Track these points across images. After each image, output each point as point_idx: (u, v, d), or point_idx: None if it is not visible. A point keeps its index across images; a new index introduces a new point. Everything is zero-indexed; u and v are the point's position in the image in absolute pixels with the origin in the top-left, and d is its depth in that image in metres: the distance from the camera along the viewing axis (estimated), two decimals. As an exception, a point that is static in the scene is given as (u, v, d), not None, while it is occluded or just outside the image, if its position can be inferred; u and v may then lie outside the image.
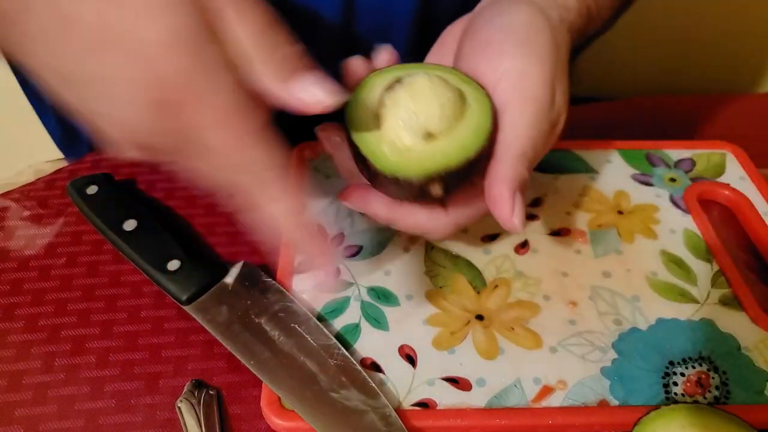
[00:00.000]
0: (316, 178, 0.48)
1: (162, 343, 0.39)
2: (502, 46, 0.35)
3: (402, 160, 0.32)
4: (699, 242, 0.44)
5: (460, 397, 0.35)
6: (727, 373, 0.36)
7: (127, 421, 0.35)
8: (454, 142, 0.33)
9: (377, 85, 0.35)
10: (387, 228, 0.44)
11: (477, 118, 0.33)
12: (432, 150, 0.32)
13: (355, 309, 0.39)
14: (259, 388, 0.35)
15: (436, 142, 0.33)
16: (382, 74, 0.36)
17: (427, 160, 0.32)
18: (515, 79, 0.34)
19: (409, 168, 0.32)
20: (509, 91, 0.34)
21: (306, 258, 0.41)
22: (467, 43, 0.37)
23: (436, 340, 0.38)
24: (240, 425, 0.35)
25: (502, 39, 0.35)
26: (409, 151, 0.33)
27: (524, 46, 0.35)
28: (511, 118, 0.34)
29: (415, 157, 0.32)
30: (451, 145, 0.33)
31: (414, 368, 0.36)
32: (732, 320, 0.39)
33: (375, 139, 0.33)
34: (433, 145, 0.33)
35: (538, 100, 0.34)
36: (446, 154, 0.32)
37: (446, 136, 0.33)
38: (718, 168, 0.49)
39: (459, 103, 0.33)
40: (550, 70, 0.35)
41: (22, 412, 0.35)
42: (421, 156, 0.32)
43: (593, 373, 0.36)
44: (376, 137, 0.33)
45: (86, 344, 0.38)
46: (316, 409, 0.33)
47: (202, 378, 0.37)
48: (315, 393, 0.34)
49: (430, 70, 0.35)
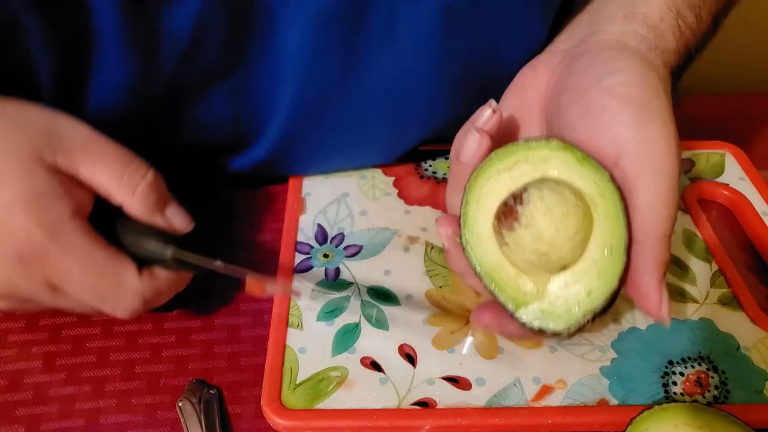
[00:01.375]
0: (316, 178, 0.48)
1: (162, 342, 0.39)
2: (620, 113, 0.31)
3: (542, 311, 0.30)
4: (698, 242, 0.44)
5: (460, 397, 0.35)
6: (726, 373, 0.36)
7: (128, 421, 0.35)
8: (592, 271, 0.30)
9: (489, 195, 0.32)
10: (387, 228, 0.44)
11: (610, 226, 0.30)
12: (570, 290, 0.30)
13: (355, 308, 0.39)
14: (259, 388, 0.35)
15: (571, 275, 0.30)
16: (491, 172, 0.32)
17: (569, 306, 0.30)
18: (642, 152, 0.30)
19: (550, 319, 0.30)
20: (637, 166, 0.30)
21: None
22: (572, 107, 0.33)
23: (435, 339, 0.38)
24: (240, 425, 0.35)
25: (618, 104, 0.31)
26: (542, 293, 0.30)
27: (645, 112, 0.31)
28: (646, 198, 0.30)
29: (553, 304, 0.30)
30: (590, 277, 0.30)
31: (414, 367, 0.36)
32: (731, 320, 0.39)
33: (500, 273, 0.31)
34: (570, 282, 0.30)
35: (670, 173, 0.30)
36: (589, 291, 0.30)
37: (580, 263, 0.30)
38: (717, 168, 0.49)
39: (588, 217, 0.30)
40: (673, 133, 0.31)
41: (23, 411, 0.35)
42: (560, 301, 0.30)
43: (593, 373, 0.36)
44: (500, 271, 0.31)
45: (87, 343, 0.38)
46: None
47: (202, 377, 0.37)
48: None
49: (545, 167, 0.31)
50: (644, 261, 0.30)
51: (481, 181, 0.32)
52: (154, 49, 0.37)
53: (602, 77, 0.32)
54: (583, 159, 0.31)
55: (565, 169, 0.31)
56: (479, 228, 0.32)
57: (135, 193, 0.34)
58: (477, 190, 0.32)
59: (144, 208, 0.34)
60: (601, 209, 0.30)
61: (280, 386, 0.35)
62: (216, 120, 0.43)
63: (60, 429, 0.35)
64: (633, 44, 0.35)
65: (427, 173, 0.49)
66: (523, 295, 0.31)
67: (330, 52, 0.40)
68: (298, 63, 0.40)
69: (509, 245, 0.30)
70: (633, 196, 0.30)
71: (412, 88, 0.43)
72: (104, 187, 0.34)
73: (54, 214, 0.32)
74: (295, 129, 0.44)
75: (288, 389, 0.35)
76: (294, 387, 0.35)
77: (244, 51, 0.39)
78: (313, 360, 0.37)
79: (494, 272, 0.31)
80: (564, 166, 0.31)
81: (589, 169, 0.31)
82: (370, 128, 0.45)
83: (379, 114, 0.44)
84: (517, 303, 0.30)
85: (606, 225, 0.30)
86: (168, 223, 0.36)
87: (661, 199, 0.30)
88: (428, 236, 0.44)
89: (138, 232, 0.35)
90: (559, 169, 0.31)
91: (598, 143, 0.31)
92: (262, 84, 0.41)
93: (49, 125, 0.33)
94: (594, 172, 0.31)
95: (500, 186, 0.32)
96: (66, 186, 0.33)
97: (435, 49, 0.41)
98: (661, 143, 0.30)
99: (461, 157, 0.33)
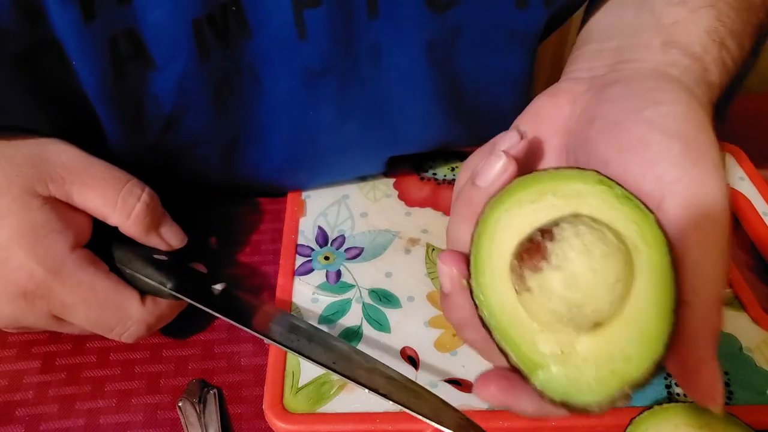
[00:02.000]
0: (316, 179, 0.48)
1: (163, 342, 0.39)
2: (665, 150, 0.26)
3: (566, 378, 0.24)
4: (700, 243, 0.44)
5: (463, 399, 0.35)
6: (730, 374, 0.36)
7: (128, 421, 0.35)
8: (632, 330, 0.24)
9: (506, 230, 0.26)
10: (387, 230, 0.44)
11: (655, 280, 0.24)
12: (603, 354, 0.24)
13: (356, 311, 0.39)
14: (260, 388, 0.35)
15: (606, 335, 0.24)
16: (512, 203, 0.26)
17: (601, 374, 0.24)
18: (692, 197, 0.25)
19: (576, 389, 0.24)
20: (685, 213, 0.25)
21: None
22: (604, 139, 0.28)
23: (438, 341, 0.38)
24: (240, 425, 0.35)
25: (662, 139, 0.26)
26: (567, 356, 0.24)
27: (694, 150, 0.26)
28: (698, 252, 0.25)
29: (581, 370, 0.24)
30: (629, 337, 0.24)
31: (416, 370, 0.36)
32: (733, 321, 0.39)
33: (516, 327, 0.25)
34: (604, 344, 0.24)
35: (722, 225, 0.25)
36: (627, 356, 0.23)
37: (618, 321, 0.24)
38: (718, 169, 0.49)
39: (630, 266, 0.24)
40: (724, 178, 0.26)
41: (23, 411, 0.35)
42: (589, 368, 0.24)
43: (595, 374, 0.36)
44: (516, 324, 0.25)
45: (87, 343, 0.38)
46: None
47: (202, 377, 0.37)
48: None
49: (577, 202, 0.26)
50: (694, 328, 0.24)
51: (498, 212, 0.26)
52: (138, 111, 0.37)
53: (642, 108, 0.27)
54: (625, 197, 0.25)
55: (602, 207, 0.25)
56: (492, 268, 0.26)
57: (131, 216, 0.34)
58: (493, 222, 0.26)
59: (140, 230, 0.35)
60: (645, 258, 0.24)
61: (282, 390, 0.35)
62: (209, 168, 0.43)
63: (60, 429, 0.35)
64: (675, 74, 0.30)
65: (428, 175, 0.49)
66: (543, 356, 0.24)
67: (321, 103, 0.40)
68: (287, 113, 0.40)
69: (532, 291, 0.24)
70: (681, 248, 0.25)
71: (405, 110, 0.42)
72: (99, 210, 0.34)
73: (53, 249, 0.32)
74: (290, 164, 0.44)
75: (290, 393, 0.35)
76: (296, 391, 0.35)
77: (232, 109, 0.39)
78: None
79: (509, 325, 0.25)
80: (601, 204, 0.26)
81: (632, 210, 0.25)
82: (365, 149, 0.45)
83: (371, 139, 0.44)
84: (534, 366, 0.24)
85: (650, 278, 0.24)
86: (163, 242, 0.36)
87: (715, 255, 0.25)
88: (429, 238, 0.44)
89: (137, 263, 0.35)
90: (596, 206, 0.26)
91: (638, 182, 0.26)
92: (254, 135, 0.41)
93: (37, 154, 0.33)
94: (637, 213, 0.25)
95: (523, 220, 0.26)
96: (63, 215, 0.33)
97: (423, 79, 0.40)
98: (713, 188, 0.25)
99: (479, 181, 0.27)
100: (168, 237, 0.37)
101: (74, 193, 0.33)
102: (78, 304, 0.33)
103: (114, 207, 0.34)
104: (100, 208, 0.34)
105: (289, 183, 0.47)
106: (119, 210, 0.34)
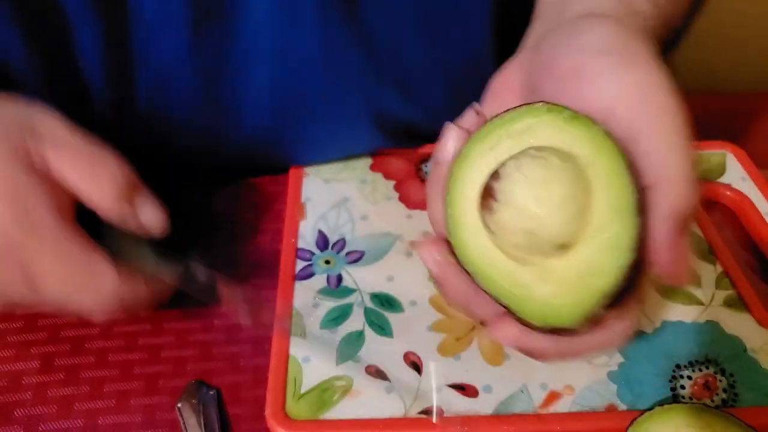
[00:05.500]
0: (315, 182, 0.48)
1: (161, 343, 0.38)
2: (600, 65, 0.28)
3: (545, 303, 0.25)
4: (702, 244, 0.43)
5: (467, 404, 0.35)
6: (735, 376, 0.36)
7: (127, 422, 0.35)
8: (598, 243, 0.25)
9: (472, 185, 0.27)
10: (389, 233, 0.44)
11: (614, 187, 0.25)
12: (576, 270, 0.25)
13: (358, 316, 0.39)
14: (259, 389, 0.35)
15: (573, 254, 0.25)
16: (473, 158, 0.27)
17: (579, 292, 0.25)
18: (635, 95, 0.27)
19: (560, 313, 0.25)
20: (634, 109, 0.26)
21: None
22: (546, 80, 0.30)
23: (441, 346, 0.37)
24: (240, 425, 0.35)
25: (595, 58, 0.28)
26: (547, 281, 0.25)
27: (628, 57, 0.28)
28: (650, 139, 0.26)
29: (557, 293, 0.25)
30: (597, 250, 0.25)
31: (420, 375, 0.36)
32: (737, 322, 0.39)
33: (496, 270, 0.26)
34: (573, 262, 0.25)
35: (672, 110, 0.26)
36: (598, 269, 0.24)
37: (584, 235, 0.25)
38: (719, 168, 0.49)
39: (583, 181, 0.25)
40: (666, 76, 0.27)
41: (22, 412, 0.35)
42: (564, 289, 0.25)
43: (600, 378, 0.36)
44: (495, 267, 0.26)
45: (85, 344, 0.38)
46: None
47: (201, 378, 0.37)
48: None
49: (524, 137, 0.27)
50: (656, 208, 0.25)
51: (462, 170, 0.27)
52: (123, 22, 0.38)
53: (571, 40, 0.29)
54: (572, 118, 0.26)
55: (552, 134, 0.26)
56: (467, 222, 0.27)
57: (103, 192, 0.33)
58: (460, 180, 0.27)
59: (112, 207, 0.33)
60: (600, 169, 0.25)
61: (284, 397, 0.35)
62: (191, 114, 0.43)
63: (58, 429, 0.34)
64: (599, 12, 0.32)
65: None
66: (521, 288, 0.26)
67: (301, 24, 0.40)
68: (269, 41, 0.40)
69: (495, 232, 0.26)
70: (636, 143, 0.26)
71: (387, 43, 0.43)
72: (73, 183, 0.33)
73: (33, 211, 0.31)
74: (276, 117, 0.44)
75: (292, 399, 0.35)
76: (298, 397, 0.35)
77: (213, 33, 0.39)
78: (317, 369, 0.36)
79: (489, 268, 0.26)
80: (551, 131, 0.27)
81: (580, 128, 0.26)
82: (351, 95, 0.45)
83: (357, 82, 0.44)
84: (516, 300, 0.25)
85: (608, 188, 0.25)
86: (140, 221, 0.35)
87: (669, 136, 0.26)
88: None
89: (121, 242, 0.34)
90: (546, 135, 0.27)
91: (585, 102, 0.27)
92: (235, 67, 0.41)
93: (25, 120, 0.33)
94: (586, 129, 0.26)
95: (483, 169, 0.27)
96: (47, 182, 0.32)
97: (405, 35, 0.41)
98: (654, 84, 0.27)
99: (439, 157, 0.29)
100: (144, 214, 0.34)
101: (51, 161, 0.32)
102: (53, 272, 0.31)
103: (87, 180, 0.33)
104: (74, 181, 0.33)
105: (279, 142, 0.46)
106: (91, 183, 0.33)
